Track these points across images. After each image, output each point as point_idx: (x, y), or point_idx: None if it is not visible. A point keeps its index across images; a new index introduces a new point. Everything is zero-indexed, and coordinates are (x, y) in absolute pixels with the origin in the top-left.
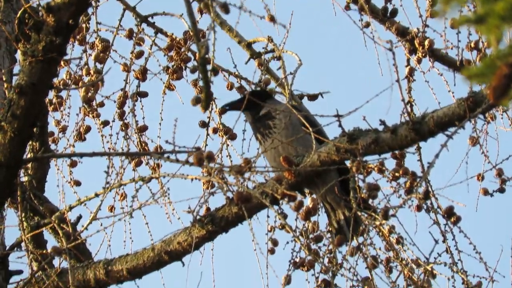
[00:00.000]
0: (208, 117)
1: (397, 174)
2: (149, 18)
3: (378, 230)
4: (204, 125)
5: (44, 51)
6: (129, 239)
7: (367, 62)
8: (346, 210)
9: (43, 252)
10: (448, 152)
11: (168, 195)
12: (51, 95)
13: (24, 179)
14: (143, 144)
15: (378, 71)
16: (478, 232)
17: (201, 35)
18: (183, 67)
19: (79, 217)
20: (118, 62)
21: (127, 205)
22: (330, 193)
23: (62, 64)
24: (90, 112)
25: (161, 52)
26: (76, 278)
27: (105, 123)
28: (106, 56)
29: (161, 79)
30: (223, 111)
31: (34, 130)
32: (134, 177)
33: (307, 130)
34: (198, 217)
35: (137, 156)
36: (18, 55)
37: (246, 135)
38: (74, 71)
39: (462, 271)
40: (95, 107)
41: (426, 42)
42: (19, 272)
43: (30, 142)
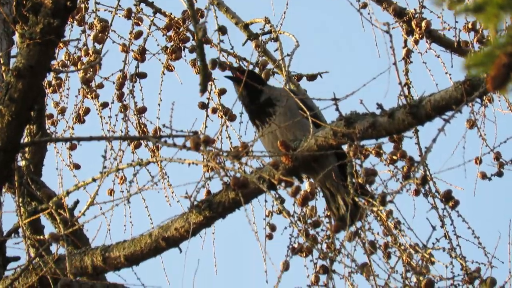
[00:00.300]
0: (208, 98)
1: (395, 157)
2: None
3: (376, 215)
4: (204, 107)
5: (42, 34)
6: (129, 224)
7: (365, 44)
8: (346, 195)
9: (41, 238)
10: (446, 135)
11: (168, 178)
12: (50, 77)
13: (22, 164)
14: (142, 126)
15: (376, 53)
16: (477, 217)
17: (199, 15)
18: (182, 47)
19: (76, 202)
20: (117, 43)
21: (127, 189)
22: (329, 179)
23: (61, 45)
24: (89, 94)
25: (160, 32)
26: (74, 265)
27: (104, 105)
28: (105, 36)
29: (160, 60)
30: (215, 63)
31: (32, 114)
32: (132, 161)
33: (305, 114)
34: (195, 203)
35: (135, 140)
36: (16, 37)
37: (244, 118)
38: (73, 52)
39: (461, 257)
40: (94, 89)
41: (423, 23)
42: (17, 259)
43: (28, 126)
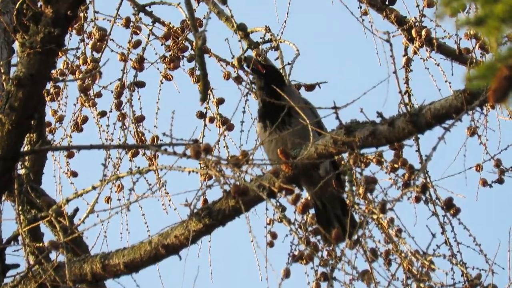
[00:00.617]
0: (206, 108)
1: (396, 165)
2: (147, 7)
3: (377, 223)
4: (202, 116)
5: (43, 43)
6: (126, 231)
7: (365, 52)
8: (339, 209)
9: (40, 246)
10: (446, 143)
11: (165, 187)
12: (49, 85)
13: (21, 172)
14: (140, 135)
15: (376, 61)
16: (477, 223)
17: (198, 24)
18: (180, 56)
19: (76, 210)
20: (115, 52)
21: (124, 197)
22: (326, 191)
23: (60, 54)
24: (87, 102)
25: (158, 41)
26: (73, 272)
27: (102, 114)
28: (104, 45)
29: (158, 69)
30: (241, 61)
31: (32, 122)
32: (131, 169)
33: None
34: (195, 210)
35: (134, 149)
36: (16, 46)
37: (244, 127)
38: (72, 61)
39: (461, 263)
40: (92, 97)
41: (423, 32)
42: (16, 266)
43: (28, 134)
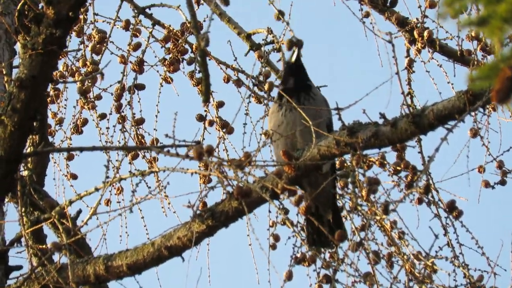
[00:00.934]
0: (205, 111)
1: (399, 168)
2: (147, 10)
3: (380, 225)
4: (201, 119)
5: (44, 44)
6: (125, 234)
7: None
8: (332, 217)
9: (43, 247)
10: (449, 144)
11: (165, 190)
12: (49, 87)
13: (24, 173)
14: (140, 137)
15: (378, 62)
16: (479, 225)
17: (199, 26)
18: (180, 59)
19: (79, 212)
20: (115, 54)
21: (123, 199)
22: (323, 196)
23: (60, 56)
24: (86, 105)
25: (158, 44)
26: (76, 274)
27: (102, 116)
28: (103, 47)
29: (158, 72)
30: (294, 43)
31: (35, 124)
32: (133, 171)
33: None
34: (198, 212)
35: (137, 150)
36: (18, 47)
37: (247, 129)
38: (72, 63)
39: (464, 265)
40: (92, 100)
41: (425, 33)
42: (19, 268)
43: (30, 136)
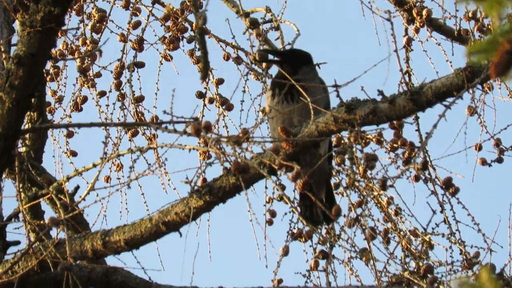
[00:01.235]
0: (205, 88)
1: (396, 145)
2: None
3: (377, 202)
4: (201, 96)
5: (43, 22)
6: (125, 210)
7: (366, 32)
8: (323, 198)
9: (41, 223)
10: (447, 122)
11: (165, 166)
12: (48, 65)
13: (22, 150)
14: (140, 114)
15: (376, 41)
16: (476, 202)
17: (198, 4)
18: (180, 37)
19: (77, 188)
20: (115, 33)
21: (123, 176)
22: (319, 174)
23: (59, 34)
24: (86, 83)
25: (158, 23)
26: (74, 249)
27: (102, 94)
28: (103, 26)
29: (158, 50)
30: (260, 58)
31: (32, 101)
32: (132, 148)
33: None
34: (196, 188)
35: (135, 127)
36: (16, 25)
37: (244, 106)
38: (71, 41)
39: (460, 242)
40: (92, 78)
41: (424, 12)
42: (17, 243)
43: (28, 113)
